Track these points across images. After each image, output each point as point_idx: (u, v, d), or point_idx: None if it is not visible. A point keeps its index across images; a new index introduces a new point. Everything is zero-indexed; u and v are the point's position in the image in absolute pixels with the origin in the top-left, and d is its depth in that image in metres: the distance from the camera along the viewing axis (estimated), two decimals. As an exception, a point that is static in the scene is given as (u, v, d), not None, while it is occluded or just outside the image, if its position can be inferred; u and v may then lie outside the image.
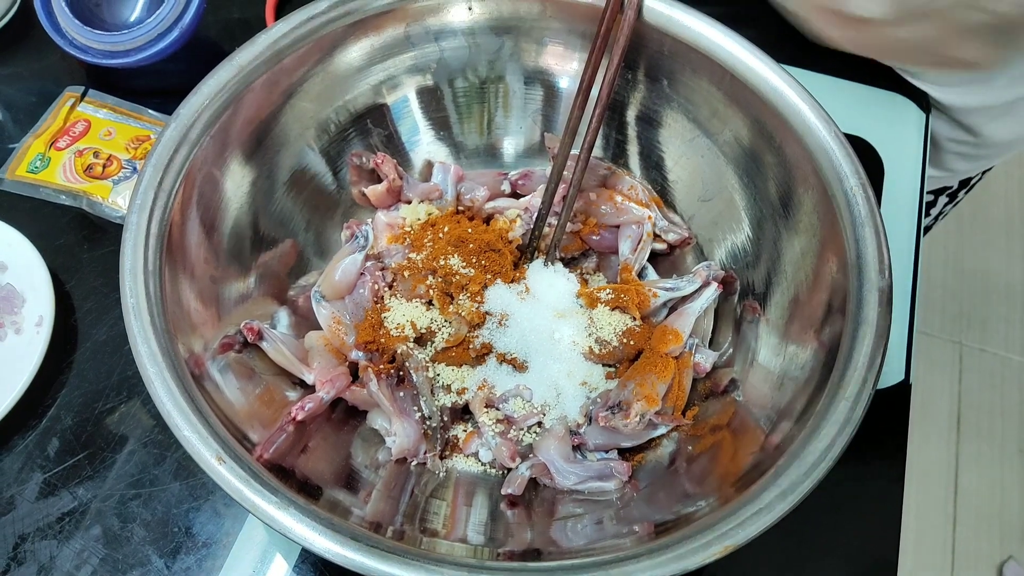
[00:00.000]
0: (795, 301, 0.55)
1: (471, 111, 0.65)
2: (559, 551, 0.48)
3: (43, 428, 0.60)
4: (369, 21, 0.58)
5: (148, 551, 0.56)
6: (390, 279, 0.60)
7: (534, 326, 0.58)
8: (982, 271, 1.76)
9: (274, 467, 0.46)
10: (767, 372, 0.54)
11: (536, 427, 0.57)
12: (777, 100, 0.54)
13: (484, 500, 0.54)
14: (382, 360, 0.57)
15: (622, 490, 0.53)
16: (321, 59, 0.58)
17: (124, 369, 0.63)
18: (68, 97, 0.73)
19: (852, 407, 0.44)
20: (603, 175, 0.64)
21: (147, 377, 0.44)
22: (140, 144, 0.70)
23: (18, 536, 0.57)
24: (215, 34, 0.79)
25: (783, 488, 0.42)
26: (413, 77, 0.63)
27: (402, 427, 0.54)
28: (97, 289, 0.66)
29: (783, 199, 0.56)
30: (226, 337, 0.53)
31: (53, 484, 0.58)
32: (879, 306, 0.47)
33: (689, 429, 0.56)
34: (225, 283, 0.55)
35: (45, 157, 0.69)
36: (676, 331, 0.57)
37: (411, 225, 0.62)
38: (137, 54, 0.70)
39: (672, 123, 0.62)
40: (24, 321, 0.62)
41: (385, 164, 0.62)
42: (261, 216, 0.58)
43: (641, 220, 0.62)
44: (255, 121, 0.57)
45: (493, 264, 0.59)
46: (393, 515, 0.50)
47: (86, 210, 0.68)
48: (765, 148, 0.56)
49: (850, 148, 0.52)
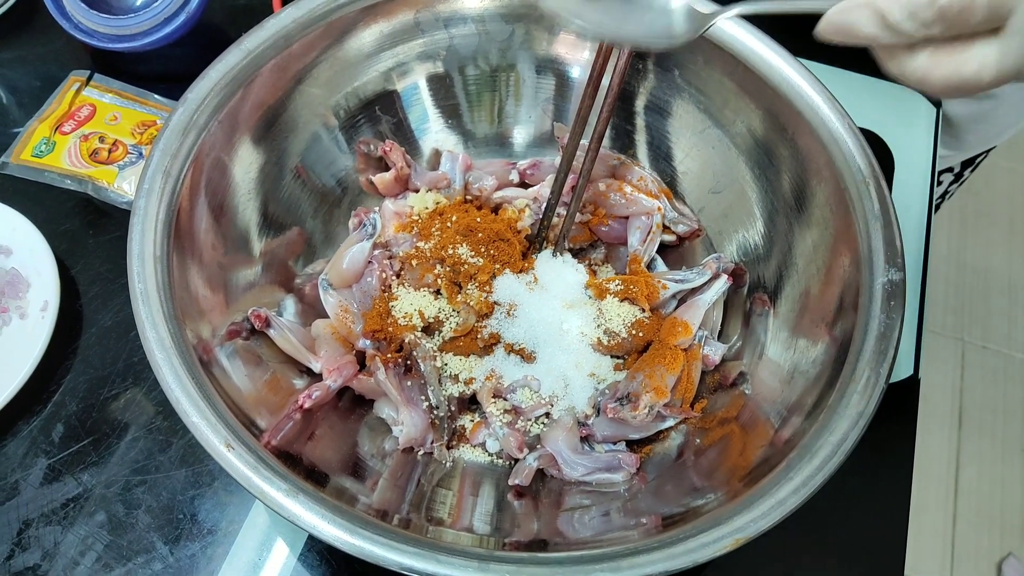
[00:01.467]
0: (806, 295, 0.54)
1: (481, 99, 0.65)
2: (566, 542, 0.48)
3: (48, 414, 0.60)
4: (379, 7, 0.58)
5: (153, 538, 0.56)
6: (398, 268, 0.60)
7: (542, 317, 0.58)
8: (985, 268, 1.75)
9: (281, 454, 0.45)
10: (777, 366, 0.54)
11: (544, 418, 0.57)
12: (791, 92, 0.54)
13: (491, 490, 0.54)
14: (389, 349, 0.56)
15: (630, 482, 0.53)
16: (330, 45, 0.58)
17: (130, 355, 0.62)
18: (73, 81, 0.73)
19: (865, 402, 0.44)
20: (613, 165, 0.64)
21: (155, 363, 0.44)
22: (146, 129, 0.70)
23: (22, 522, 0.56)
24: (221, 19, 0.78)
25: (796, 482, 0.42)
26: (423, 64, 0.62)
27: (409, 416, 0.54)
28: (102, 274, 0.66)
29: (795, 192, 0.56)
30: (233, 324, 0.53)
31: (57, 470, 0.58)
32: (892, 300, 0.47)
33: (698, 422, 0.56)
34: (233, 270, 0.55)
35: (50, 141, 0.69)
36: (685, 323, 0.57)
37: (419, 214, 0.62)
38: (143, 38, 0.69)
39: (683, 114, 0.61)
40: (29, 306, 0.61)
41: (393, 152, 0.62)
42: (269, 202, 0.58)
43: (651, 211, 0.61)
44: (263, 106, 0.56)
45: (502, 254, 0.59)
46: (399, 504, 0.50)
47: (91, 195, 0.67)
48: (778, 140, 0.56)
49: (864, 141, 0.52)
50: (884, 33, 0.34)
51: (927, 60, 0.34)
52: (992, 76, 0.33)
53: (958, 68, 0.33)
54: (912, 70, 0.35)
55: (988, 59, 0.33)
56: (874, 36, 0.35)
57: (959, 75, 0.34)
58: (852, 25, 0.35)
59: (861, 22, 0.35)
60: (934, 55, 0.34)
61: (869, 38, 0.35)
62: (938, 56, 0.34)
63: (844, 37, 0.36)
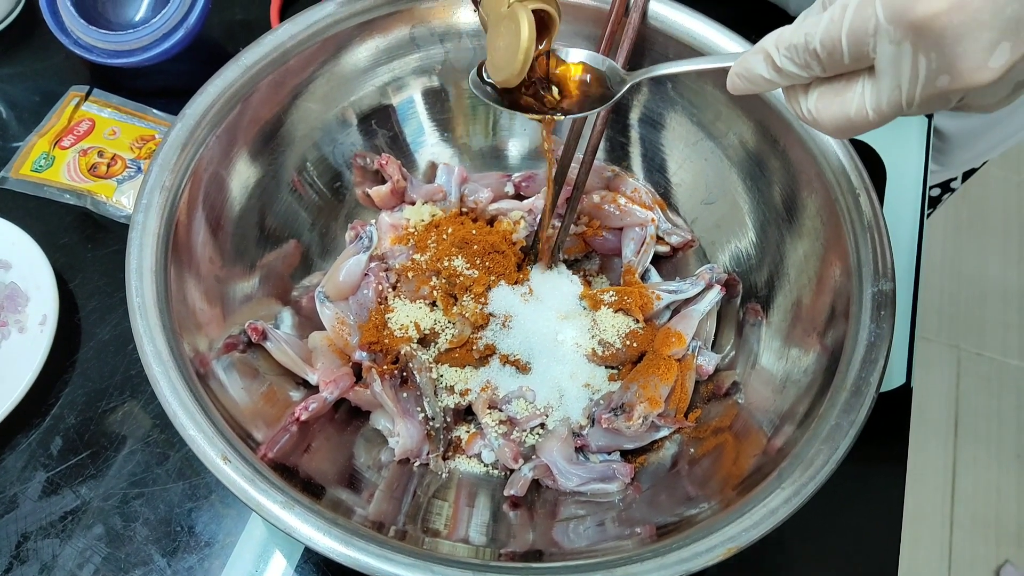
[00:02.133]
0: (798, 304, 0.55)
1: (476, 113, 0.66)
2: (561, 552, 0.48)
3: (46, 427, 0.60)
4: (375, 23, 0.59)
5: (150, 550, 0.56)
6: (394, 280, 0.60)
7: (537, 328, 0.58)
8: (979, 275, 1.76)
9: (278, 466, 0.46)
10: (769, 375, 0.55)
11: (539, 428, 0.57)
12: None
13: (486, 501, 0.54)
14: (386, 361, 0.57)
15: (624, 492, 0.54)
16: (327, 60, 0.59)
17: (128, 368, 0.63)
18: (72, 96, 0.73)
19: (856, 410, 0.45)
20: (607, 177, 0.64)
21: (152, 376, 0.45)
22: (144, 144, 0.70)
23: (21, 534, 0.57)
24: (219, 35, 0.79)
25: (787, 491, 0.42)
26: (419, 78, 0.63)
27: (405, 428, 0.54)
28: (101, 288, 0.66)
29: (787, 203, 0.56)
30: (230, 337, 0.53)
31: (56, 483, 0.59)
32: (882, 309, 0.48)
33: (691, 431, 0.56)
34: (230, 283, 0.55)
35: (49, 156, 0.69)
36: (679, 333, 0.58)
37: (415, 226, 0.63)
38: (142, 54, 0.70)
39: (676, 126, 0.62)
40: (28, 320, 0.62)
41: (389, 165, 0.62)
42: (267, 216, 0.59)
43: (644, 222, 0.62)
44: (261, 121, 0.57)
45: (497, 266, 0.59)
46: (395, 515, 0.50)
47: (90, 209, 0.68)
48: (769, 152, 0.57)
49: (854, 152, 0.52)
50: (776, 76, 0.36)
51: (816, 101, 0.36)
52: (874, 115, 0.34)
53: (843, 108, 0.35)
54: (806, 110, 0.37)
55: (867, 98, 0.34)
56: (770, 79, 0.37)
57: (845, 114, 0.35)
58: (751, 71, 0.37)
59: (758, 67, 0.37)
60: (822, 95, 0.36)
61: (767, 82, 0.37)
62: (826, 97, 0.36)
63: (748, 85, 0.38)
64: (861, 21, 0.32)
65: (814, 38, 0.34)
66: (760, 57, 0.37)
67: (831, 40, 0.33)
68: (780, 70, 0.36)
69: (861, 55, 0.33)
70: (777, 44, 0.36)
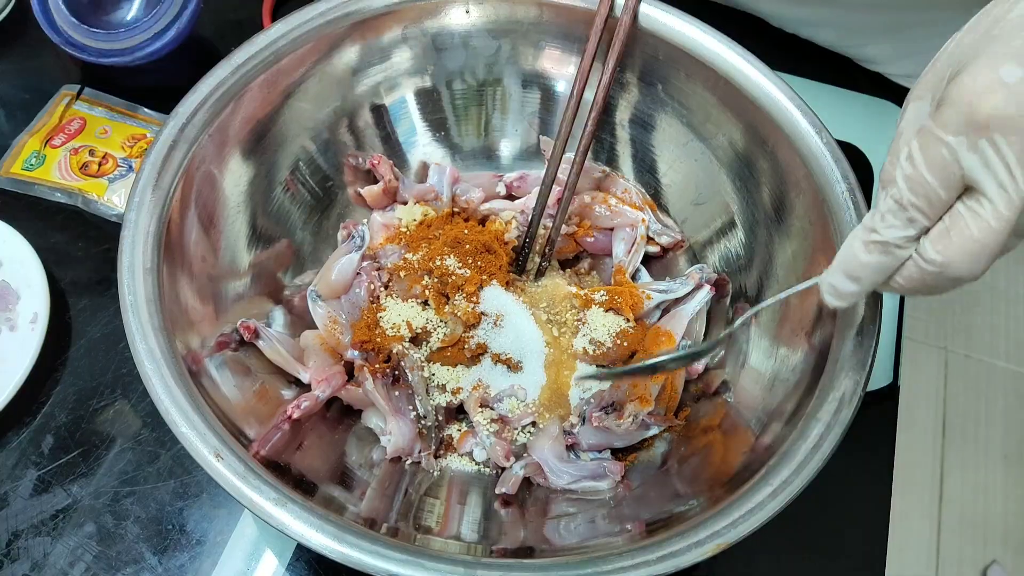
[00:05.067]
0: (786, 304, 0.55)
1: (468, 113, 0.66)
2: (552, 549, 0.48)
3: (37, 425, 0.60)
4: (367, 23, 0.59)
5: (142, 548, 0.56)
6: (386, 279, 0.61)
7: (529, 327, 0.58)
8: (968, 277, 1.77)
9: (270, 464, 0.46)
10: (758, 374, 0.55)
11: (530, 427, 0.57)
12: (770, 105, 0.55)
13: (478, 499, 0.55)
14: (378, 359, 0.57)
15: (615, 489, 0.54)
16: (319, 60, 0.59)
17: (119, 366, 0.63)
18: (64, 95, 0.73)
19: (842, 409, 0.45)
20: (598, 178, 0.65)
21: (145, 374, 0.45)
22: (136, 142, 0.70)
23: (11, 533, 0.57)
24: (211, 34, 0.79)
25: (774, 488, 0.43)
26: (411, 79, 0.63)
27: (397, 426, 0.55)
28: (91, 287, 0.66)
29: (775, 203, 0.57)
30: (222, 335, 0.54)
31: (47, 481, 0.58)
32: (868, 308, 0.48)
33: (681, 430, 0.57)
34: (222, 281, 0.55)
35: (40, 155, 0.69)
36: (669, 333, 0.58)
37: (407, 226, 0.63)
38: (133, 53, 0.70)
39: (666, 127, 0.62)
40: (19, 318, 0.62)
41: (381, 165, 0.63)
42: (259, 215, 0.59)
43: (635, 223, 0.63)
44: (253, 120, 0.57)
45: (489, 265, 0.59)
46: (387, 512, 0.50)
47: (81, 208, 0.68)
48: (758, 153, 0.57)
49: (841, 153, 0.53)
50: (883, 257, 0.36)
51: (932, 248, 0.35)
52: (996, 222, 0.33)
53: (963, 235, 0.33)
54: (930, 263, 0.35)
55: (980, 212, 0.33)
56: (878, 263, 0.36)
57: (969, 238, 0.33)
58: (858, 269, 0.37)
59: (860, 255, 0.37)
60: (936, 241, 0.34)
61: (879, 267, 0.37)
62: (941, 239, 0.34)
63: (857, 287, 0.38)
64: (933, 151, 0.33)
65: (902, 194, 0.34)
66: (858, 245, 0.37)
67: (919, 184, 0.33)
68: (884, 244, 0.36)
69: (952, 179, 0.33)
70: (871, 227, 0.36)
